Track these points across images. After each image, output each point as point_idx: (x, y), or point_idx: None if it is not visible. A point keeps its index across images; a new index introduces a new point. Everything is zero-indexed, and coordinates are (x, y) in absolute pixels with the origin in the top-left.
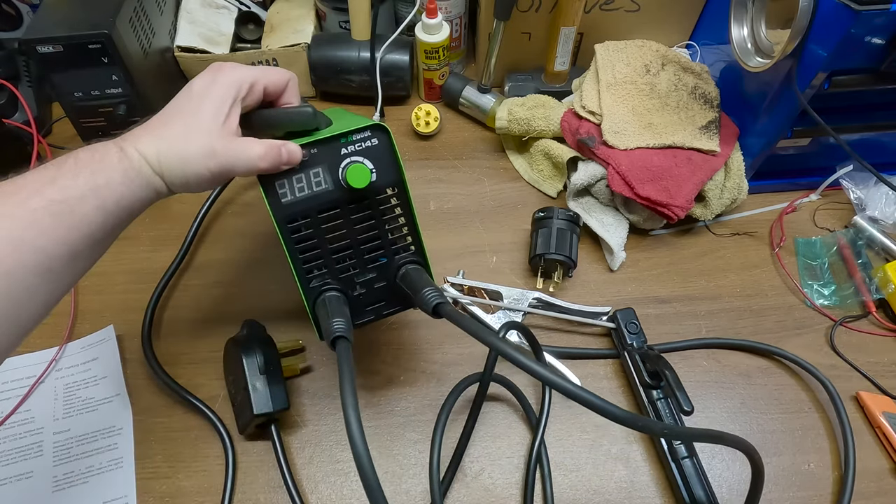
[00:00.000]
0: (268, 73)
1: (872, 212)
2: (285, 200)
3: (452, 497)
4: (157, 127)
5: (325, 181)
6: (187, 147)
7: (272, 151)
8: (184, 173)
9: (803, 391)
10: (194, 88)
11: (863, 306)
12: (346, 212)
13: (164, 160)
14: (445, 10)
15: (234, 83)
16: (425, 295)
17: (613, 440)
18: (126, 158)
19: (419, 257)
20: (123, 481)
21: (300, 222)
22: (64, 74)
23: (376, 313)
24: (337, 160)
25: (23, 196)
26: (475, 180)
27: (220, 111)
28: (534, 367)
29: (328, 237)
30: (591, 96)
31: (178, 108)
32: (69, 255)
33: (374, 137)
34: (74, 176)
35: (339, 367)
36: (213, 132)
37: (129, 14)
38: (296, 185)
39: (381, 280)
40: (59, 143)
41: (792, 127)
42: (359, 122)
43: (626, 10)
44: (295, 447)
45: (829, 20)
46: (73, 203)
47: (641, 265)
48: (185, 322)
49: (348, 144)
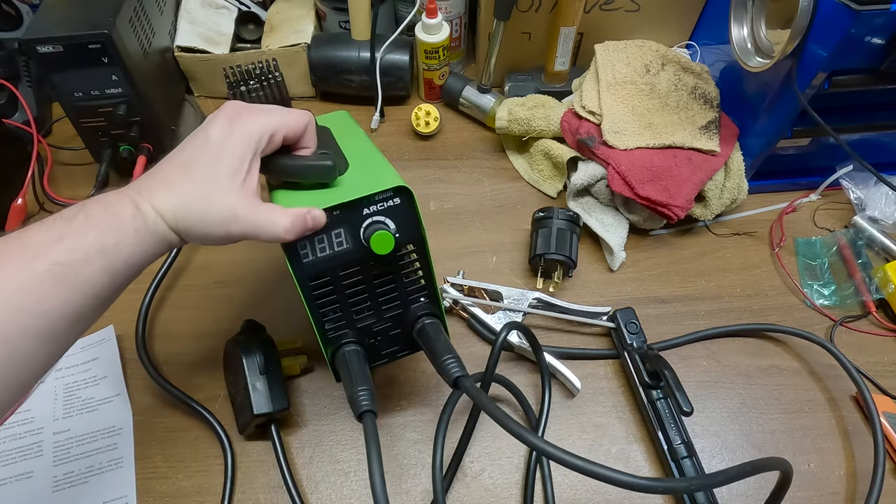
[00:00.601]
0: (287, 120)
1: (872, 212)
2: (306, 261)
3: (452, 497)
4: (172, 179)
5: (346, 241)
6: (208, 209)
7: (298, 223)
8: (202, 232)
9: (803, 391)
10: (211, 137)
11: (863, 306)
12: (365, 269)
13: (180, 217)
14: (445, 10)
15: (255, 135)
16: (446, 364)
17: (613, 440)
18: (140, 216)
19: (434, 308)
20: (123, 481)
21: (321, 280)
22: (64, 74)
23: (390, 357)
24: (359, 220)
25: (27, 257)
26: (475, 180)
27: (240, 168)
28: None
29: (347, 292)
30: (591, 96)
31: (194, 158)
32: (71, 318)
33: (396, 197)
34: (83, 235)
35: (366, 441)
36: (235, 193)
37: (129, 14)
38: (317, 245)
39: (396, 328)
40: (59, 143)
41: (792, 127)
42: (380, 177)
43: (626, 10)
44: (295, 447)
45: (829, 20)
46: (79, 265)
47: (641, 265)
48: (184, 322)
49: (371, 205)
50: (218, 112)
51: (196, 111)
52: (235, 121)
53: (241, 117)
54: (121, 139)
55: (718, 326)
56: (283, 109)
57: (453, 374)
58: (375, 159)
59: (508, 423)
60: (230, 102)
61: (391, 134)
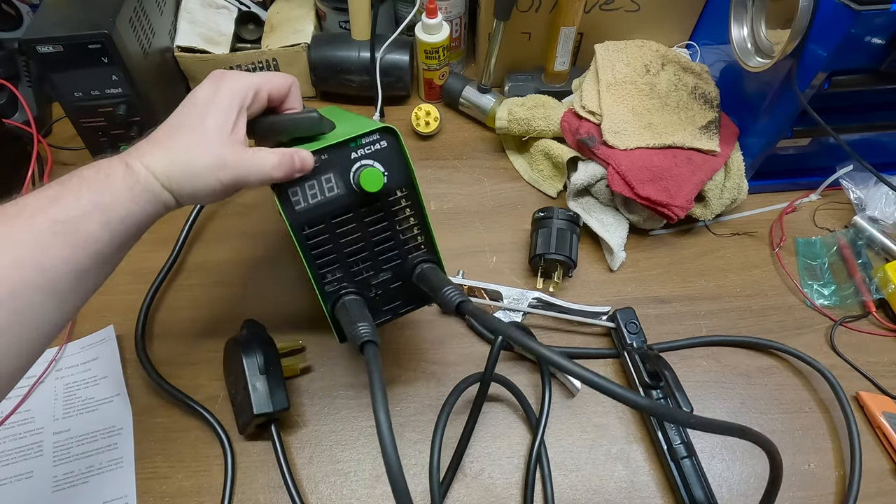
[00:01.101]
0: (271, 79)
1: (872, 212)
2: (299, 208)
3: (452, 497)
4: (162, 140)
5: (337, 186)
6: (197, 159)
7: (285, 160)
8: (193, 186)
9: (803, 391)
10: (198, 98)
11: (863, 306)
12: (358, 215)
13: (172, 173)
14: (445, 10)
15: (239, 91)
16: (446, 294)
17: (613, 440)
18: (132, 174)
19: (432, 255)
20: (123, 481)
21: (315, 228)
22: (64, 74)
23: (393, 312)
24: (348, 164)
25: (26, 216)
26: (475, 180)
27: (226, 121)
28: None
29: (342, 241)
30: (591, 96)
31: (182, 119)
32: (75, 274)
33: (382, 140)
34: (78, 194)
35: (368, 371)
36: (222, 143)
37: (129, 14)
38: (308, 191)
39: (397, 280)
40: (59, 143)
41: (792, 127)
42: (364, 124)
43: (626, 10)
44: (295, 447)
45: (829, 20)
46: (78, 222)
47: (641, 265)
48: (185, 322)
49: (358, 148)
50: (207, 78)
51: None
52: (220, 82)
53: (226, 78)
54: (121, 139)
55: (721, 335)
56: (268, 72)
57: (455, 301)
58: (361, 119)
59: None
60: (218, 70)
61: None
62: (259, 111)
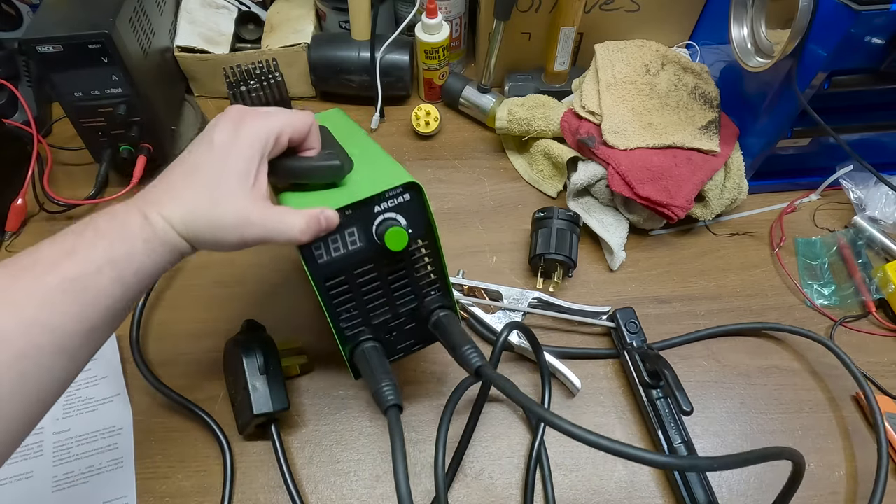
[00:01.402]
0: (291, 121)
1: (872, 212)
2: (322, 261)
3: (453, 497)
4: (180, 187)
5: (359, 240)
6: (220, 215)
7: (312, 224)
8: (215, 239)
9: (803, 391)
10: (216, 142)
11: (863, 306)
12: (379, 265)
13: (191, 225)
14: (445, 10)
15: (260, 138)
16: (466, 354)
17: None
18: (149, 226)
19: (447, 300)
20: (123, 481)
21: (336, 279)
22: (64, 74)
23: (406, 350)
24: (370, 218)
25: (38, 272)
26: (475, 180)
27: (248, 172)
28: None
29: (362, 289)
30: (591, 96)
31: (200, 164)
32: (85, 332)
33: (406, 193)
34: (92, 248)
35: (391, 434)
36: (245, 198)
37: (129, 14)
38: (331, 245)
39: (411, 322)
40: (59, 143)
41: (792, 127)
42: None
43: (626, 10)
44: (295, 447)
45: (829, 20)
46: (90, 278)
47: (641, 265)
48: (184, 322)
49: (382, 202)
50: (221, 117)
51: (196, 111)
52: (240, 124)
53: (245, 121)
54: (121, 139)
55: (719, 325)
56: (286, 111)
57: (474, 364)
58: (378, 155)
59: (534, 406)
60: (232, 107)
61: (391, 134)
62: (279, 153)
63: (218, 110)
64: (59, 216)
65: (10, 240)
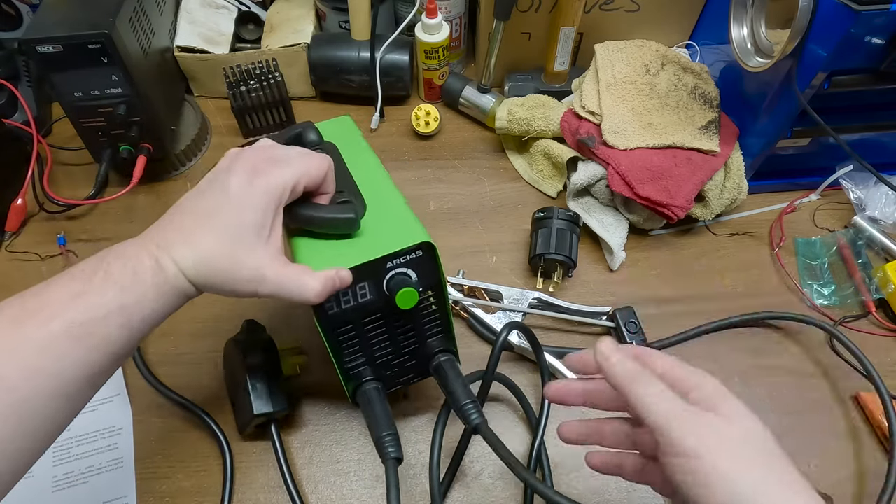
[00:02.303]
0: (308, 170)
1: (872, 212)
2: (332, 313)
3: (452, 497)
4: (192, 232)
5: (370, 293)
6: (234, 268)
7: (328, 286)
8: (226, 290)
9: (803, 391)
10: (231, 189)
11: (862, 306)
12: (387, 315)
13: (203, 273)
14: (445, 10)
15: (277, 190)
16: (466, 410)
17: None
18: (161, 272)
19: (449, 343)
20: (123, 481)
21: (344, 328)
22: (64, 74)
23: (405, 384)
24: (382, 273)
25: (44, 317)
26: (475, 180)
27: (264, 223)
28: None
29: (369, 336)
30: (591, 96)
31: (214, 210)
32: (87, 377)
33: (419, 250)
34: (102, 293)
35: (387, 488)
36: (262, 253)
37: (129, 14)
38: (342, 297)
39: (412, 360)
40: (59, 143)
41: (792, 127)
42: (402, 227)
43: (625, 10)
44: (295, 447)
45: (829, 20)
46: (97, 324)
47: (641, 265)
48: (185, 322)
49: (395, 258)
50: (236, 159)
51: (196, 111)
52: (256, 174)
53: (262, 170)
54: (121, 139)
55: (719, 319)
56: (303, 155)
57: (473, 422)
58: (391, 195)
59: (521, 471)
60: (247, 151)
61: (391, 134)
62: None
63: (218, 110)
64: (59, 216)
65: (10, 240)
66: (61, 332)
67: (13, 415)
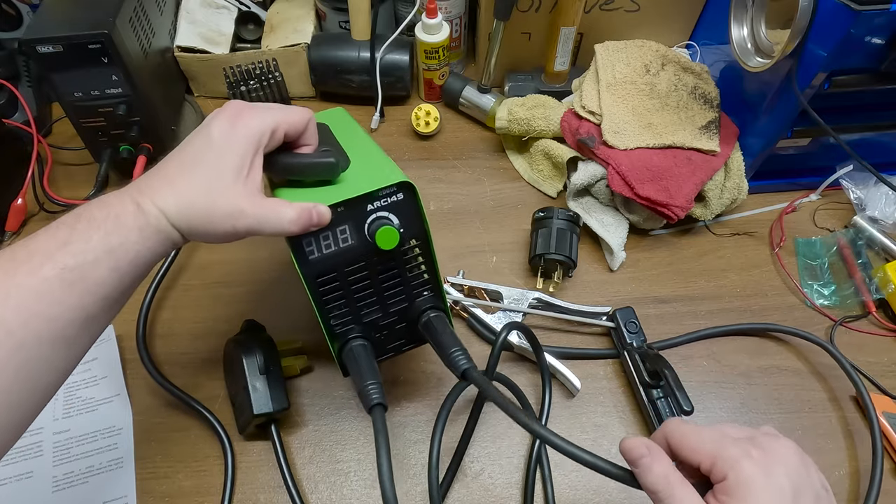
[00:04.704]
0: (288, 116)
1: (872, 212)
2: (312, 258)
3: (452, 497)
4: (174, 176)
5: (351, 238)
6: (213, 206)
7: (303, 216)
8: (206, 229)
9: (803, 391)
10: (213, 136)
11: (863, 306)
12: (370, 264)
13: (184, 215)
14: (445, 10)
15: (256, 132)
16: (454, 357)
17: (613, 440)
18: (143, 215)
19: (438, 301)
20: (123, 481)
21: (327, 277)
22: (64, 74)
23: (396, 350)
24: (363, 216)
25: (34, 263)
26: (475, 180)
27: (243, 165)
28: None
29: (353, 287)
30: (591, 96)
31: (196, 156)
32: (83, 320)
33: (399, 193)
34: (87, 239)
35: (375, 434)
36: (239, 190)
37: (129, 14)
38: (322, 242)
39: (402, 322)
40: (59, 143)
41: (792, 127)
42: (380, 167)
43: (625, 10)
44: (295, 447)
45: (828, 20)
46: (87, 268)
47: (641, 265)
48: (185, 322)
49: (374, 200)
50: (219, 111)
51: (196, 111)
52: (237, 119)
53: (243, 115)
54: (121, 139)
55: (719, 325)
56: (284, 107)
57: (461, 367)
58: (376, 155)
59: (515, 412)
60: (230, 102)
61: (391, 134)
62: (274, 148)
63: None
64: (59, 216)
65: (10, 240)
66: (54, 276)
67: (13, 360)
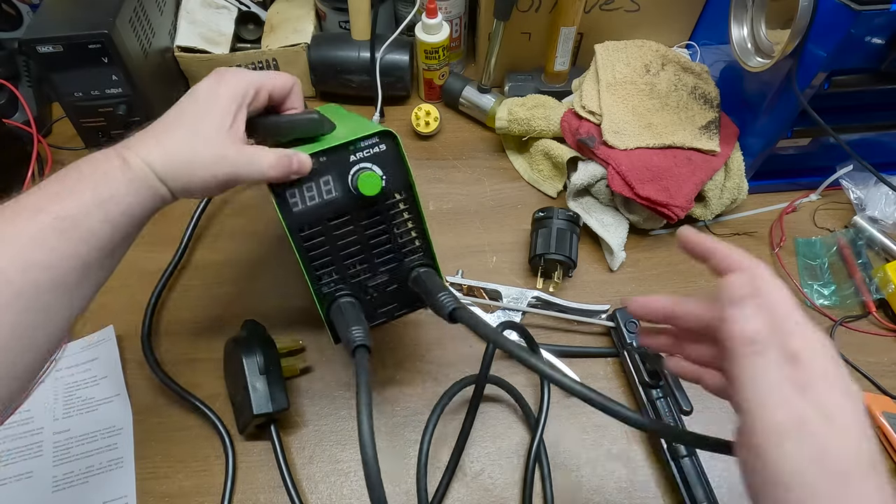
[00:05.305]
0: (272, 77)
1: (872, 212)
2: (296, 210)
3: (452, 497)
4: (160, 132)
5: (335, 189)
6: (195, 153)
7: (282, 161)
8: (189, 179)
9: None
10: (199, 93)
11: (863, 306)
12: (356, 218)
13: (169, 167)
14: (445, 10)
15: (240, 88)
16: (440, 299)
17: (613, 440)
18: (129, 169)
19: (429, 259)
20: (123, 481)
21: (312, 230)
22: (64, 74)
23: (389, 315)
24: (346, 167)
25: (27, 215)
26: (475, 180)
27: (226, 117)
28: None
29: (339, 243)
30: (591, 96)
31: (182, 113)
32: (81, 269)
33: (382, 143)
34: (77, 191)
35: (356, 375)
36: (221, 138)
37: (129, 14)
38: (306, 193)
39: (393, 283)
40: (59, 143)
41: (792, 127)
42: (364, 126)
43: (625, 9)
44: (295, 447)
45: (828, 20)
46: (79, 218)
47: (641, 265)
48: (185, 322)
49: (357, 151)
50: (208, 76)
51: None
52: (222, 78)
53: (227, 75)
54: (121, 139)
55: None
56: (270, 71)
57: (448, 307)
58: (362, 121)
59: (514, 348)
60: (218, 68)
61: None
62: (259, 109)
63: None
64: None
65: None
66: (48, 225)
67: (12, 308)
